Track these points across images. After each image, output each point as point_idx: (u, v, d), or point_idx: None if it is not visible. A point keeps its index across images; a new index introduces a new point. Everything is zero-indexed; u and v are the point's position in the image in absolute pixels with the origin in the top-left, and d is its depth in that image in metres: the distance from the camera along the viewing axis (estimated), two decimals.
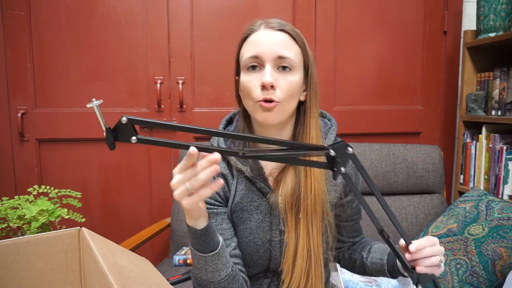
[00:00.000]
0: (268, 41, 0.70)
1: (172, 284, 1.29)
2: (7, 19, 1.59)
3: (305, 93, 0.77)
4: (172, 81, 1.70)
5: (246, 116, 0.79)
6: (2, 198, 1.08)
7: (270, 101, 0.69)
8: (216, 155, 0.56)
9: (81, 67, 1.66)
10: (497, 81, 1.60)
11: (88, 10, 1.64)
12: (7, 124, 1.63)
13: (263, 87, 0.68)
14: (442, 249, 0.68)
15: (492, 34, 1.60)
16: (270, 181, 0.77)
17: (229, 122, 0.86)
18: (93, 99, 0.52)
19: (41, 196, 1.13)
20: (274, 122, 0.71)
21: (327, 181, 0.78)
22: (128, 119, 0.53)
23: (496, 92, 1.61)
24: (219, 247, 0.67)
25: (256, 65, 0.71)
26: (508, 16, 1.59)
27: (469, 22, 1.83)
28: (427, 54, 1.83)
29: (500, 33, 1.59)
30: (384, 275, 0.80)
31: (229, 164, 0.78)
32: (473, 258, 1.15)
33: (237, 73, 0.80)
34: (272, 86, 0.68)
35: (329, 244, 0.80)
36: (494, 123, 1.59)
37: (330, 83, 1.77)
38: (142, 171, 1.74)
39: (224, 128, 0.83)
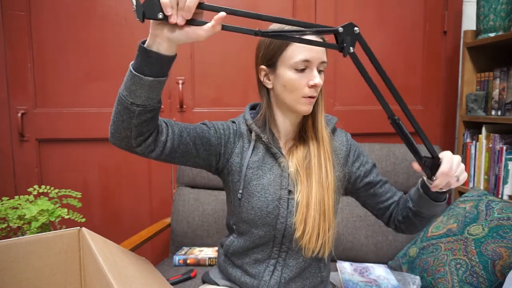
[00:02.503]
0: (317, 48, 0.82)
1: (172, 284, 1.29)
2: (7, 19, 1.59)
3: None
4: (172, 81, 1.70)
5: (269, 103, 0.91)
6: (2, 198, 1.08)
7: (314, 97, 0.84)
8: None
9: (81, 67, 1.66)
10: (497, 81, 1.60)
11: (88, 10, 1.64)
12: (7, 124, 1.63)
13: (314, 87, 0.83)
14: (462, 166, 0.77)
15: (492, 34, 1.60)
16: (284, 151, 0.91)
17: (252, 108, 0.98)
18: None
19: (41, 196, 1.13)
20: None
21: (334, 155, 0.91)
22: None
23: (496, 92, 1.61)
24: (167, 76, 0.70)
25: (304, 66, 0.83)
26: (508, 16, 1.59)
27: (469, 22, 1.83)
28: (427, 54, 1.83)
29: (500, 33, 1.59)
30: (432, 205, 0.85)
31: (249, 131, 0.91)
32: (473, 258, 1.15)
33: (265, 63, 0.87)
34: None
35: (337, 203, 0.91)
36: (494, 123, 1.59)
37: (330, 83, 1.77)
38: (142, 171, 1.74)
39: (249, 110, 0.96)
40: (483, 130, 1.62)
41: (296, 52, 0.82)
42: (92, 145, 1.69)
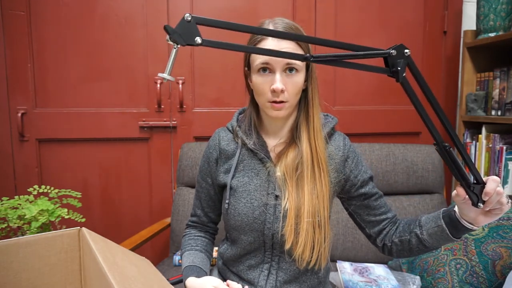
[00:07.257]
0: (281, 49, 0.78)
1: (172, 284, 1.29)
2: (7, 19, 1.59)
3: (305, 83, 0.86)
4: (172, 81, 1.70)
5: (255, 104, 0.90)
6: (2, 198, 1.08)
7: (281, 102, 0.80)
8: None
9: (81, 67, 1.66)
10: (497, 81, 1.60)
11: (88, 10, 1.64)
12: (7, 124, 1.63)
13: (274, 91, 0.79)
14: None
15: (492, 34, 1.60)
16: (272, 155, 0.88)
17: (241, 113, 0.98)
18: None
19: (41, 196, 1.13)
20: (284, 116, 0.84)
21: (328, 161, 0.88)
22: (192, 17, 0.53)
23: (496, 92, 1.61)
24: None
25: (267, 69, 0.80)
26: (508, 16, 1.59)
27: (469, 22, 1.83)
28: (427, 54, 1.83)
29: (500, 33, 1.59)
30: (447, 240, 0.79)
31: (234, 139, 0.92)
32: (473, 258, 1.15)
33: (247, 66, 0.87)
34: (281, 91, 0.79)
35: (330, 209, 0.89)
36: (494, 123, 1.59)
37: (330, 83, 1.77)
38: (142, 171, 1.74)
39: (238, 115, 0.96)
40: (483, 130, 1.62)
41: (257, 55, 0.81)
42: (92, 145, 1.69)
